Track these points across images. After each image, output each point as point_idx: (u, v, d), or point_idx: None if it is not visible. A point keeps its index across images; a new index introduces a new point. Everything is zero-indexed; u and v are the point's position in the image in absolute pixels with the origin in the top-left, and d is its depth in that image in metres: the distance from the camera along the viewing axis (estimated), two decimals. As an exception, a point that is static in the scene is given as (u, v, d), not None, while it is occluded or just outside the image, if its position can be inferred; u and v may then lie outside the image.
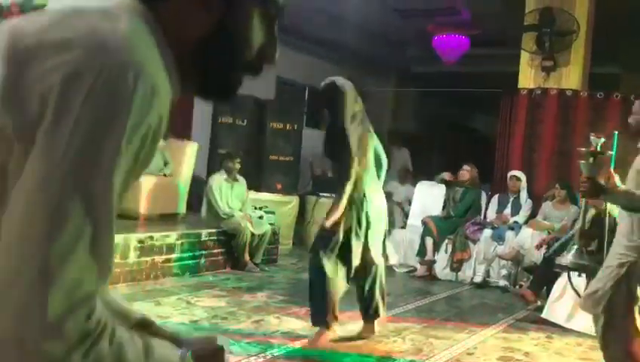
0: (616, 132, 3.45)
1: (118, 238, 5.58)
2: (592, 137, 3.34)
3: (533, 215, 7.24)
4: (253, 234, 6.81)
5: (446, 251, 7.35)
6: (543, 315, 5.36)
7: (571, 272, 4.38)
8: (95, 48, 0.78)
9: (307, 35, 11.84)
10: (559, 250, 5.86)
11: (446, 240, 7.37)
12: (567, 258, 3.64)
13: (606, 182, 3.17)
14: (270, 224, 7.23)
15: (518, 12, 7.86)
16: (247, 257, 6.74)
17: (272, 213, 7.69)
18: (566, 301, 5.27)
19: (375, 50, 12.66)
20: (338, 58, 12.73)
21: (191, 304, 5.08)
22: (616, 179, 3.18)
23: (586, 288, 3.69)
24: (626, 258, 3.09)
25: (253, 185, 7.86)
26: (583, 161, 3.31)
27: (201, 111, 9.48)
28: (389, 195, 9.08)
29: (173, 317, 4.64)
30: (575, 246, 3.64)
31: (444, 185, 7.87)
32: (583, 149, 3.34)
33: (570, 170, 7.29)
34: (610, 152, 3.33)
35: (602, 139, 3.28)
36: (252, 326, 4.56)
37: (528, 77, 7.92)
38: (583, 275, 4.05)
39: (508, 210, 7.44)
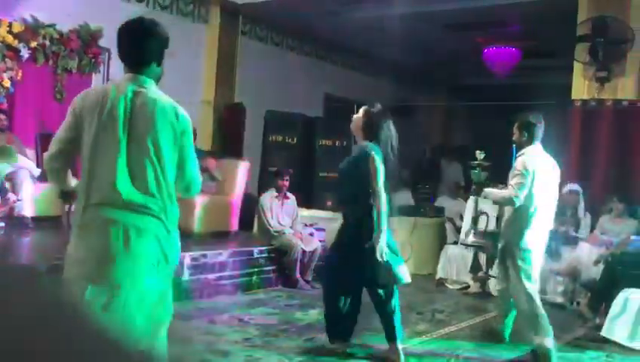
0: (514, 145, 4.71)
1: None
2: (477, 152, 4.89)
3: (591, 229, 7.04)
4: (304, 251, 6.84)
5: (500, 267, 7.20)
6: (603, 333, 5.19)
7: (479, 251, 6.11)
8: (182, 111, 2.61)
9: (354, 51, 11.90)
10: (614, 265, 5.70)
11: (499, 256, 7.22)
12: (470, 238, 5.40)
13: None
14: (320, 241, 7.25)
15: (570, 22, 7.71)
16: (298, 274, 6.76)
17: (323, 229, 7.71)
18: (627, 318, 5.09)
19: (424, 65, 12.62)
20: (386, 73, 12.74)
21: (243, 321, 5.12)
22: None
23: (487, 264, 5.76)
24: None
25: (304, 202, 7.90)
26: (473, 170, 4.85)
27: (252, 130, 9.61)
28: (440, 210, 9.00)
29: (227, 334, 4.69)
30: (472, 231, 5.35)
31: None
32: (472, 162, 4.88)
33: (628, 183, 7.08)
34: (487, 163, 4.84)
35: (483, 154, 4.85)
36: (305, 345, 4.56)
37: (582, 88, 7.74)
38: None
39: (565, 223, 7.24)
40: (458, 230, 8.45)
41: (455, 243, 8.17)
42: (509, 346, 4.87)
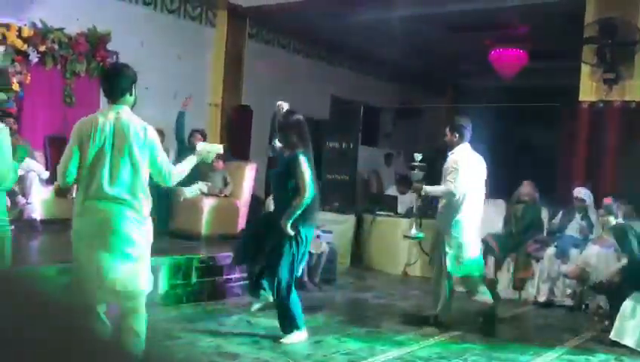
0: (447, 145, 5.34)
1: (180, 259, 5.70)
2: (415, 155, 5.47)
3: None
4: (311, 254, 6.83)
5: (508, 269, 7.18)
6: (612, 337, 5.16)
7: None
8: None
9: (361, 53, 11.90)
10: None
11: (508, 259, 7.21)
12: (413, 231, 5.79)
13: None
14: (328, 243, 7.25)
15: (578, 24, 7.69)
16: (305, 277, 6.76)
17: (330, 232, 7.70)
18: (636, 322, 5.06)
19: (430, 67, 12.61)
20: (393, 76, 12.74)
21: (251, 324, 5.13)
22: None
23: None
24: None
25: (311, 205, 7.89)
26: (412, 171, 5.48)
27: (259, 132, 9.63)
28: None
29: (235, 336, 4.69)
30: (414, 225, 5.80)
31: (503, 202, 7.72)
32: (412, 163, 5.50)
33: (636, 184, 7.05)
34: (423, 165, 5.45)
35: (420, 156, 5.46)
36: (312, 347, 4.56)
37: (590, 90, 7.71)
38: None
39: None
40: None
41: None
42: (518, 348, 4.86)
